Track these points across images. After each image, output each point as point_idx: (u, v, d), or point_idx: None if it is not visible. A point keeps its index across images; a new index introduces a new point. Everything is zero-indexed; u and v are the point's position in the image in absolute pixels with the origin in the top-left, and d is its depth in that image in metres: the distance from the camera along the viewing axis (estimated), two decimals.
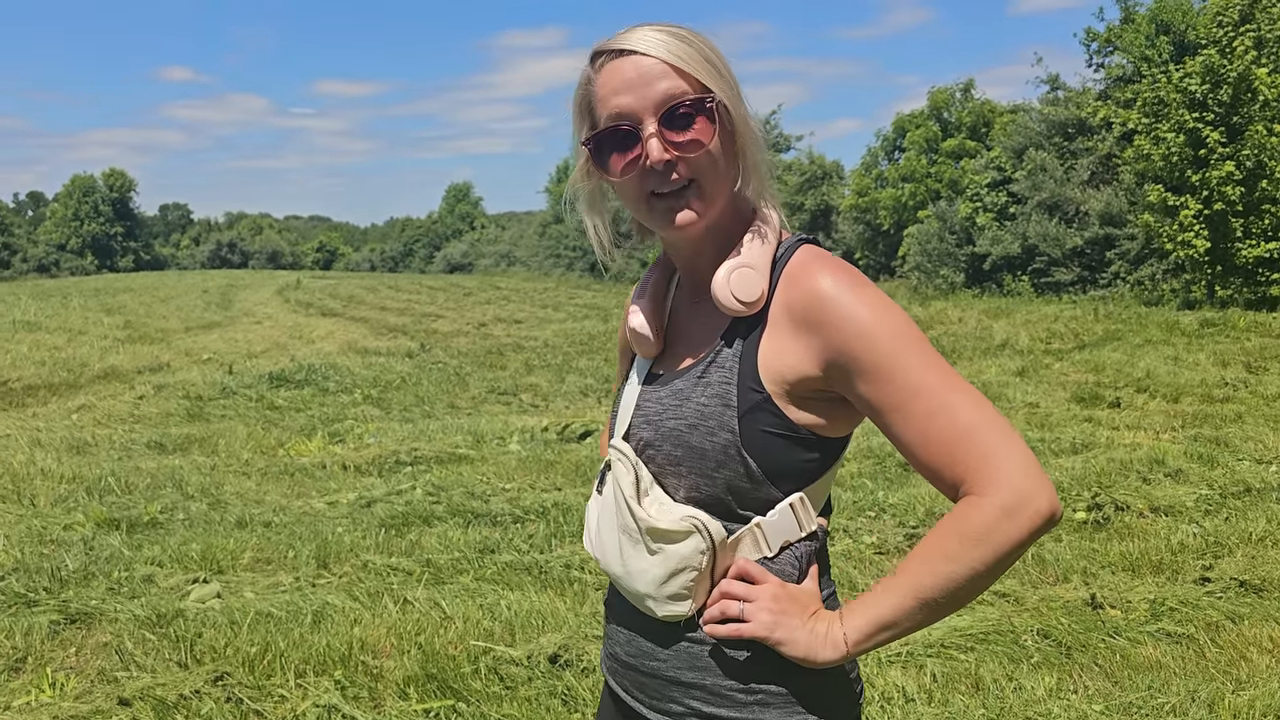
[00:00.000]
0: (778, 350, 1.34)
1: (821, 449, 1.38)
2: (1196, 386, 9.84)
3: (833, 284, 1.31)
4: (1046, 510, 1.20)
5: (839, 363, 1.29)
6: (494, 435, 8.70)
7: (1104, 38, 25.69)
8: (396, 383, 11.94)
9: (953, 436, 1.24)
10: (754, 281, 1.36)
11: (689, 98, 1.32)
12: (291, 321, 20.49)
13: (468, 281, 42.01)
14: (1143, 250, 22.05)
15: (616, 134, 1.37)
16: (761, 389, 1.34)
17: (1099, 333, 14.52)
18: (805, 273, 1.34)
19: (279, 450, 8.49)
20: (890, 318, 1.29)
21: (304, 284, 36.17)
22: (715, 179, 1.38)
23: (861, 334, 1.27)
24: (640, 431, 1.45)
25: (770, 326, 1.36)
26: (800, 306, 1.33)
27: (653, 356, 1.54)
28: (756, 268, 1.37)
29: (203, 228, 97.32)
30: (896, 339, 1.27)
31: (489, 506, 6.52)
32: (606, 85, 1.38)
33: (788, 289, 1.36)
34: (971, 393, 1.27)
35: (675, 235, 1.40)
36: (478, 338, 17.45)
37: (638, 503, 1.40)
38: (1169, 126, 18.73)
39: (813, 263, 1.36)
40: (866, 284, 1.32)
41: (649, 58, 1.35)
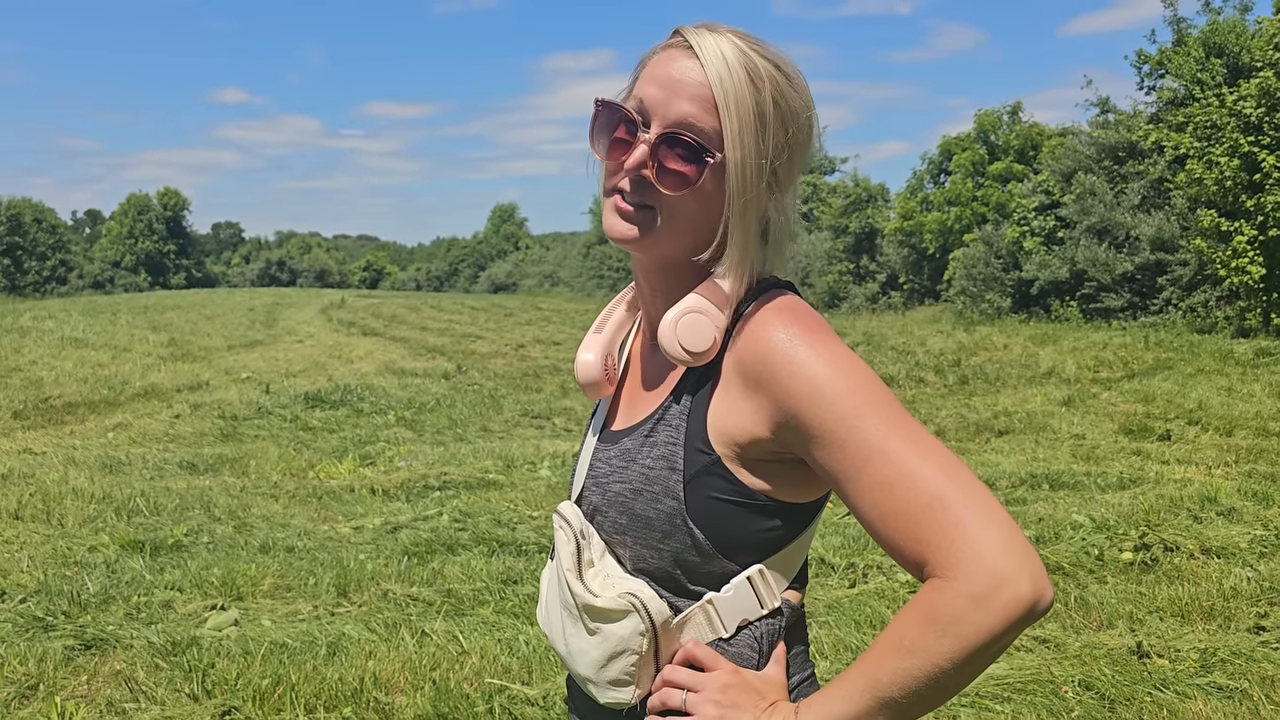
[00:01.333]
0: (728, 408, 1.21)
1: (784, 516, 1.23)
2: (1251, 419, 9.50)
3: (785, 337, 1.17)
4: (1029, 597, 0.99)
5: (790, 425, 1.15)
6: (525, 460, 8.60)
7: (1155, 60, 25.24)
8: (431, 404, 11.89)
9: (914, 509, 1.06)
10: (703, 330, 1.22)
11: (697, 139, 1.20)
12: (332, 341, 20.59)
13: (509, 302, 42.13)
14: (1195, 276, 21.54)
15: (623, 116, 1.25)
16: (710, 450, 1.21)
17: (1149, 361, 14.14)
18: (760, 324, 1.21)
19: (309, 472, 8.44)
20: (847, 375, 1.14)
21: (348, 303, 36.45)
22: (678, 225, 1.24)
23: (812, 393, 1.13)
24: (590, 494, 1.34)
25: (722, 382, 1.23)
26: (750, 361, 1.19)
27: (602, 399, 1.43)
28: (708, 314, 1.23)
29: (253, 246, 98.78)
30: (851, 398, 1.12)
31: (515, 535, 6.40)
32: (656, 67, 1.26)
33: (741, 340, 1.22)
34: (940, 457, 1.09)
35: (613, 243, 1.27)
36: (515, 359, 17.41)
37: (576, 576, 1.27)
38: (1222, 150, 18.30)
39: (770, 312, 1.22)
40: (825, 337, 1.18)
41: (701, 69, 1.21)
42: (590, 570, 1.28)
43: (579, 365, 1.41)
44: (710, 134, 1.21)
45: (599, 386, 1.40)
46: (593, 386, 1.40)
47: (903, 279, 33.98)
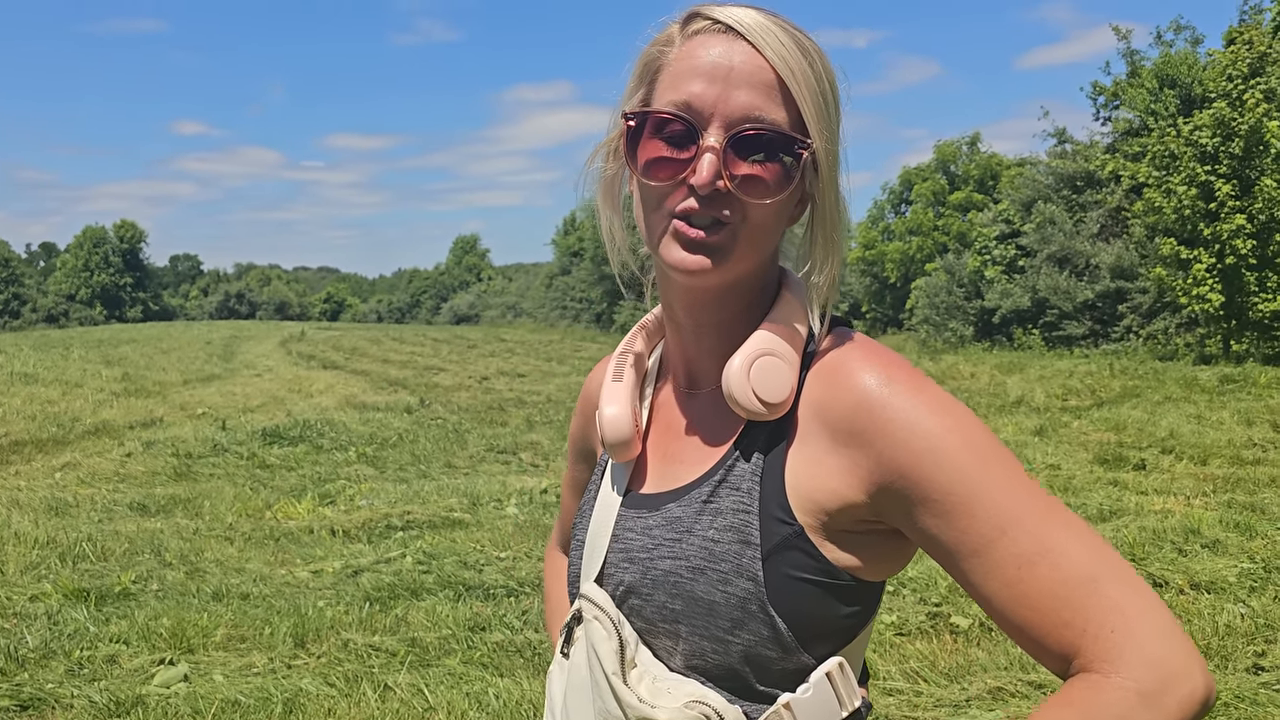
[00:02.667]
0: (811, 468, 1.01)
1: (864, 597, 1.04)
2: (1224, 447, 9.45)
3: (882, 383, 0.98)
4: (1201, 693, 0.85)
5: (894, 488, 0.96)
6: (491, 497, 8.33)
7: (1110, 92, 25.61)
8: (393, 440, 11.59)
9: (1061, 590, 0.89)
10: (781, 376, 1.03)
11: (778, 130, 1.01)
12: (292, 374, 20.18)
13: (472, 333, 41.79)
14: (1155, 304, 21.74)
15: (669, 125, 1.03)
16: (792, 519, 1.01)
17: (1116, 389, 14.14)
18: (845, 367, 1.02)
19: (266, 513, 8.12)
20: (964, 428, 0.95)
21: (308, 335, 35.97)
22: (757, 241, 1.05)
23: (928, 450, 0.94)
24: (621, 573, 1.10)
25: (800, 436, 1.03)
26: (840, 411, 1.00)
27: (629, 460, 1.18)
28: (783, 356, 1.04)
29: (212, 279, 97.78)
30: (974, 456, 0.93)
31: (482, 577, 6.15)
32: (687, 59, 1.04)
33: (822, 387, 1.03)
34: (1080, 526, 0.92)
35: (680, 279, 1.05)
36: (479, 392, 17.12)
37: (623, 680, 1.04)
38: (1180, 179, 18.49)
39: (853, 354, 1.03)
40: (925, 382, 1.00)
41: (754, 51, 1.02)
42: (634, 671, 1.05)
43: (607, 422, 1.16)
44: (786, 124, 1.02)
45: (631, 445, 1.16)
46: (624, 446, 1.16)
47: (865, 308, 34.10)
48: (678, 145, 1.02)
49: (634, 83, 1.10)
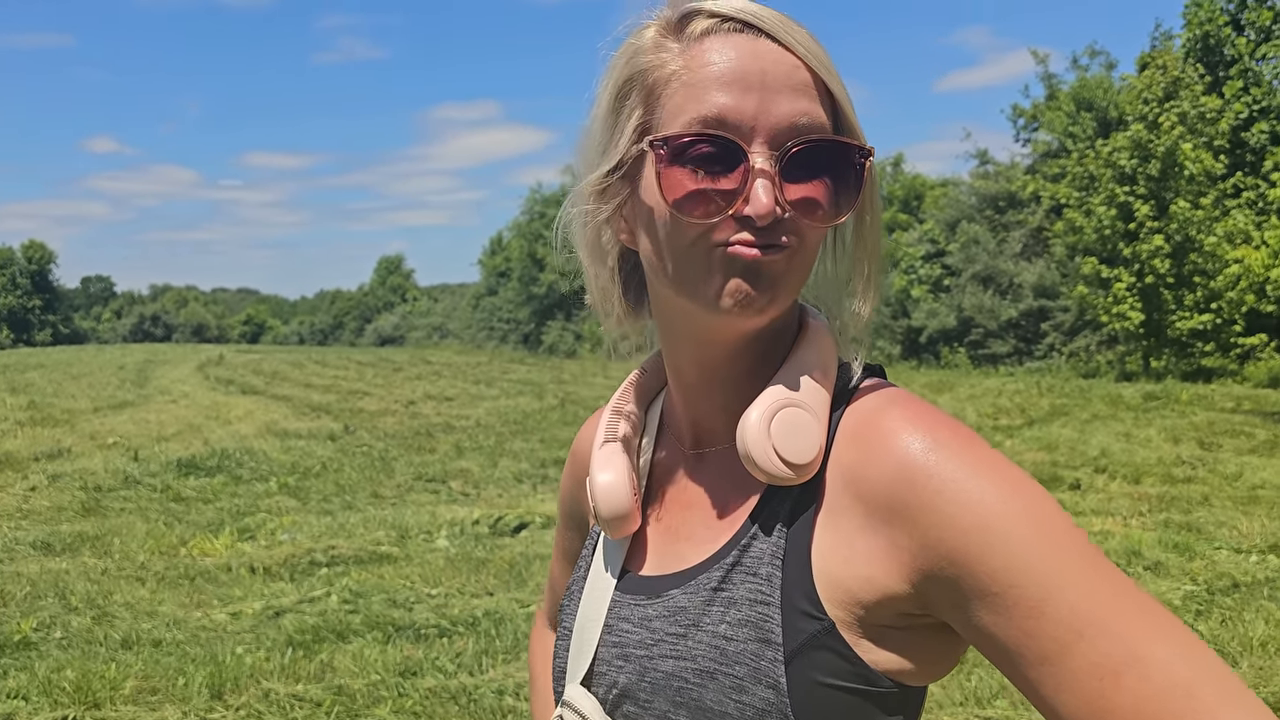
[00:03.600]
0: (843, 549, 0.82)
1: (905, 706, 0.85)
2: (1155, 466, 9.55)
3: (928, 447, 0.79)
4: None
5: (945, 576, 0.77)
6: (420, 529, 8.02)
7: (1030, 114, 26.18)
8: (316, 469, 11.17)
9: (1153, 705, 0.70)
10: (808, 431, 0.85)
11: (836, 140, 0.86)
12: (209, 400, 19.53)
13: (397, 356, 41.14)
14: (1076, 322, 22.18)
15: (700, 149, 0.84)
16: (821, 613, 0.81)
17: (1045, 408, 14.30)
18: (882, 426, 0.83)
19: (181, 550, 7.70)
20: (1029, 501, 0.76)
21: (227, 359, 35.02)
22: (808, 269, 0.89)
23: (984, 530, 0.75)
24: (614, 673, 0.91)
25: (828, 508, 0.84)
26: (877, 481, 0.81)
27: (626, 536, 0.98)
28: (812, 410, 0.86)
29: (125, 300, 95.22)
30: (1042, 537, 0.74)
31: (412, 616, 5.85)
32: (704, 66, 0.85)
33: (855, 450, 0.84)
34: (1172, 623, 0.73)
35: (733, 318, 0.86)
36: (406, 417, 16.70)
37: None
38: (1100, 200, 18.89)
39: (892, 410, 0.84)
40: (979, 445, 0.81)
41: (782, 48, 0.85)
42: None
43: (600, 492, 0.97)
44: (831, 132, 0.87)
45: (628, 520, 0.97)
46: (620, 521, 0.97)
47: None
48: (718, 172, 0.83)
49: (616, 105, 0.90)
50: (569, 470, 1.20)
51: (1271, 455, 10.21)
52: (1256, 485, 8.63)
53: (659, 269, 0.89)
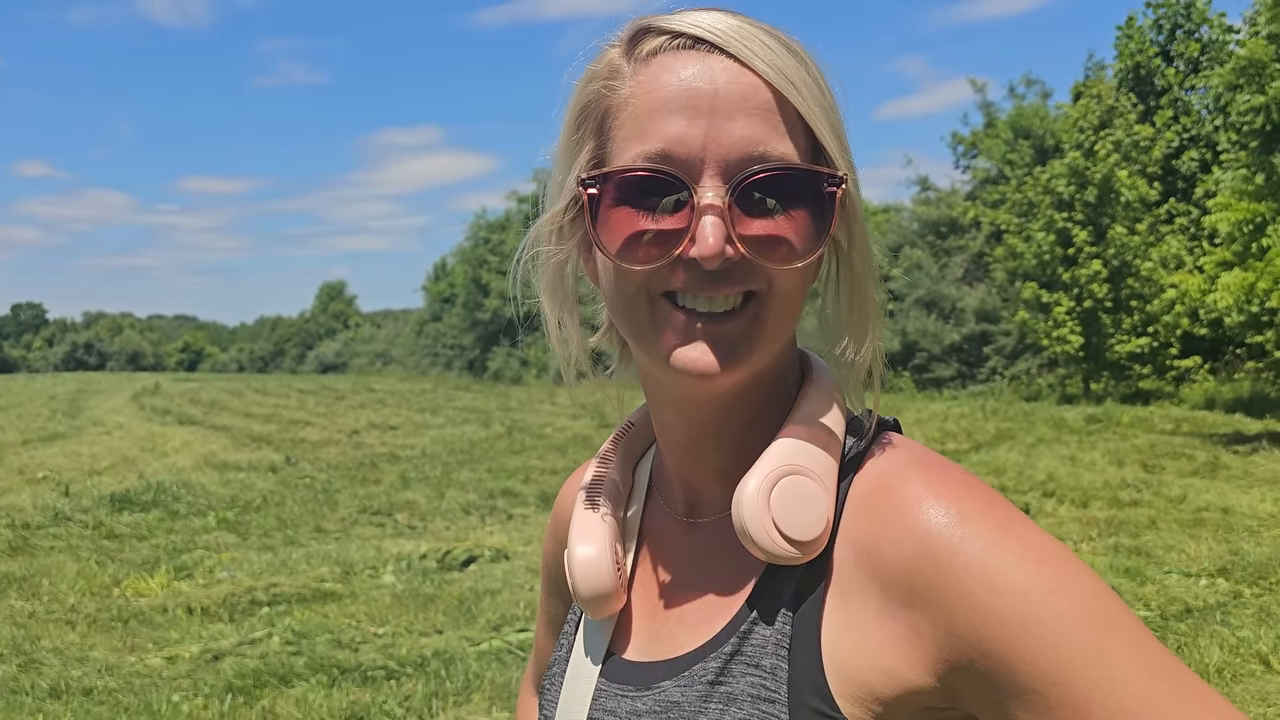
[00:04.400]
0: (858, 636, 0.72)
1: None
2: (1101, 489, 9.63)
3: (953, 519, 0.70)
4: None
5: (976, 669, 0.67)
6: (365, 565, 7.80)
7: (969, 142, 26.64)
8: (257, 503, 10.87)
9: None
10: (816, 503, 0.75)
11: (796, 167, 0.75)
12: (145, 431, 19.04)
13: (340, 383, 40.57)
14: (1017, 345, 22.51)
15: (644, 186, 0.75)
16: (835, 711, 0.72)
17: (991, 431, 14.42)
18: (899, 494, 0.74)
19: (114, 590, 7.41)
20: (1070, 581, 0.67)
21: (163, 388, 34.28)
22: (787, 317, 0.78)
23: (1020, 618, 0.66)
24: None
25: (840, 587, 0.74)
26: (895, 559, 0.71)
27: (608, 616, 0.89)
28: (818, 476, 0.76)
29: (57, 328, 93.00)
30: (1086, 625, 0.65)
31: (358, 658, 5.66)
32: (652, 91, 0.76)
33: (869, 521, 0.74)
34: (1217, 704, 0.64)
35: (687, 386, 0.78)
36: (349, 447, 16.39)
37: None
38: (1039, 225, 19.22)
39: (910, 474, 0.74)
40: (1011, 515, 0.71)
41: (740, 65, 0.75)
42: None
43: (578, 568, 0.86)
44: (795, 159, 0.75)
45: (610, 600, 0.86)
46: (601, 601, 0.86)
47: None
48: (663, 211, 0.74)
49: (573, 136, 0.81)
50: (550, 531, 1.09)
51: (1213, 477, 10.37)
52: (1201, 508, 8.73)
53: (615, 318, 0.81)
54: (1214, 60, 21.09)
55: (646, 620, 0.86)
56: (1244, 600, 6.13)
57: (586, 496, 0.91)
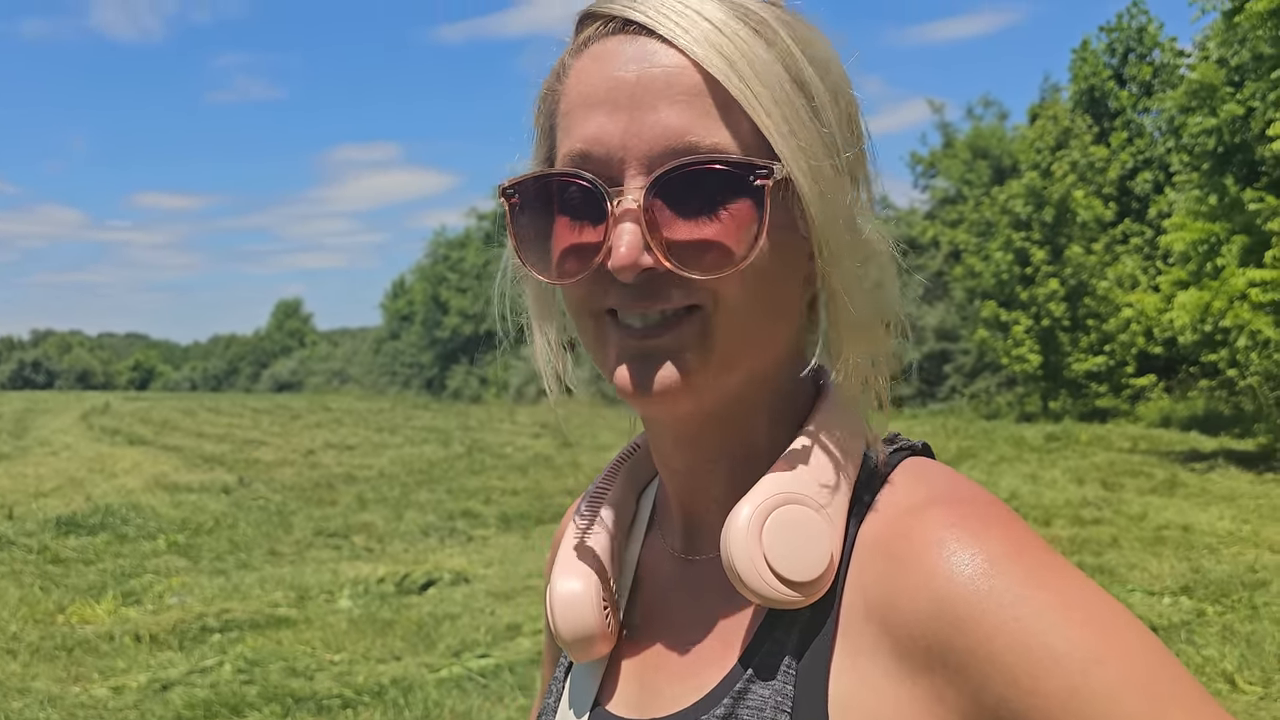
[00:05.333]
0: (869, 696, 0.62)
1: None
2: (1063, 507, 9.67)
3: (981, 568, 0.59)
4: None
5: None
6: (321, 589, 7.62)
7: (928, 161, 26.91)
8: (209, 525, 10.62)
9: None
10: (817, 538, 0.65)
11: (723, 157, 0.64)
12: (93, 452, 18.62)
13: (295, 402, 40.06)
14: (976, 364, 22.69)
15: (566, 192, 0.67)
16: None
17: (953, 450, 14.48)
18: (916, 533, 0.63)
19: (58, 617, 7.18)
20: (1120, 644, 0.57)
21: (113, 407, 33.64)
22: (747, 332, 0.67)
23: (1062, 690, 0.56)
24: None
25: (849, 639, 0.64)
26: (911, 614, 0.61)
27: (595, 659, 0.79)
28: (819, 506, 0.66)
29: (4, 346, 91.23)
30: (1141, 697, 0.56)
31: (313, 686, 5.50)
32: (580, 84, 0.68)
33: (881, 563, 0.64)
34: None
35: (646, 409, 0.70)
36: (305, 467, 16.11)
37: None
38: (997, 245, 19.42)
39: (930, 509, 0.64)
40: (1048, 560, 0.61)
41: (668, 46, 0.64)
42: None
43: (560, 607, 0.77)
44: (736, 144, 0.65)
45: (593, 644, 0.77)
46: (583, 644, 0.77)
47: None
48: (584, 217, 0.67)
49: (534, 141, 0.75)
50: (550, 561, 0.98)
51: (1171, 495, 10.45)
52: (1161, 525, 8.78)
53: None
54: (1166, 84, 21.51)
55: (637, 669, 0.77)
56: (1207, 619, 6.13)
57: (578, 525, 0.81)
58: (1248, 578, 6.89)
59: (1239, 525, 8.79)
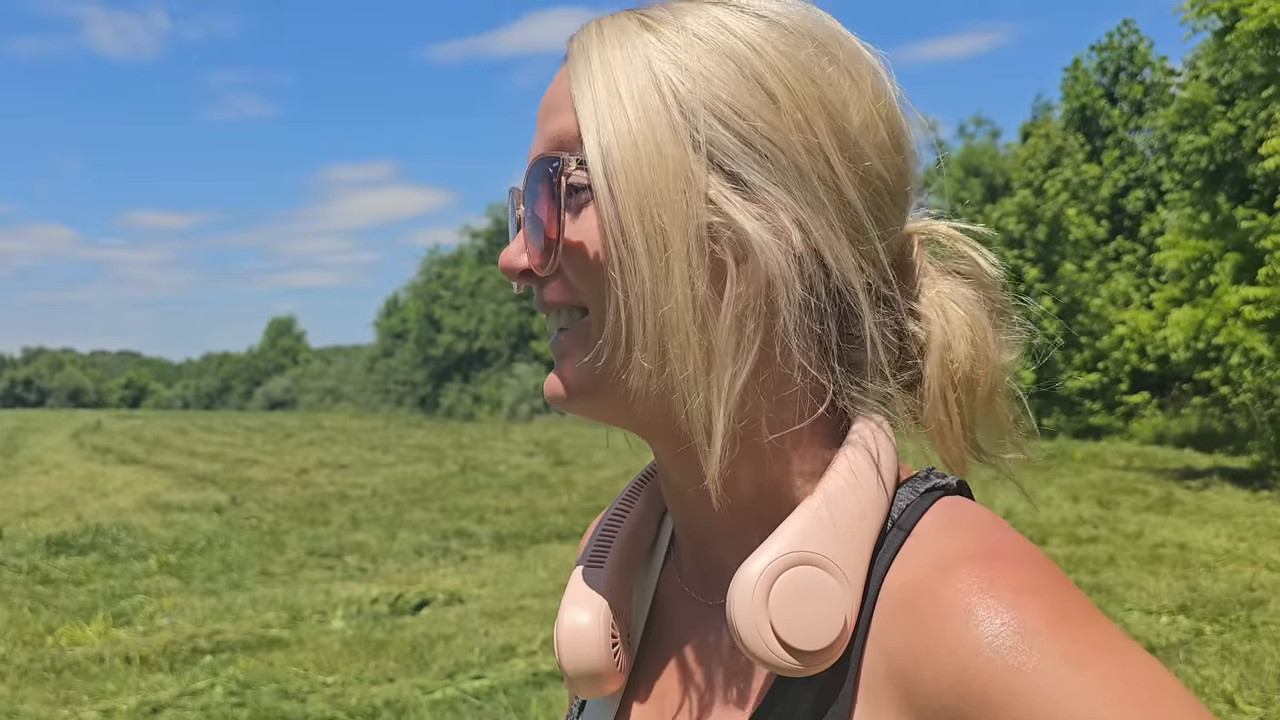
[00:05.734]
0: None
1: None
2: (1058, 525, 9.64)
3: (1011, 643, 0.53)
4: None
5: None
6: (314, 610, 7.55)
7: (921, 180, 26.99)
8: (200, 545, 10.53)
9: None
10: (829, 603, 0.59)
11: (538, 153, 0.66)
12: (85, 471, 18.52)
13: (288, 420, 39.94)
14: None
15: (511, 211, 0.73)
16: None
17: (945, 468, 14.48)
18: (941, 599, 0.57)
19: (48, 639, 7.09)
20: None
21: (104, 426, 33.52)
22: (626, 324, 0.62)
23: None
24: None
25: (865, 705, 0.59)
26: (933, 686, 0.55)
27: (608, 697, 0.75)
28: (839, 570, 0.60)
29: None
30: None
31: (306, 709, 5.43)
32: None
33: (902, 626, 0.59)
34: None
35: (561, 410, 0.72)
36: (297, 486, 16.03)
37: None
38: None
39: (958, 572, 0.57)
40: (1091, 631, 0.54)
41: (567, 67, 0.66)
42: None
43: (566, 639, 0.72)
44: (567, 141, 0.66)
45: (600, 681, 0.72)
46: (590, 681, 0.72)
47: None
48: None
49: None
50: None
51: (1167, 513, 10.43)
52: (1158, 544, 8.75)
53: None
54: (1157, 102, 21.62)
55: (647, 713, 0.73)
56: (1205, 638, 6.10)
57: (592, 549, 0.76)
58: (1245, 596, 6.87)
59: (1235, 543, 8.77)
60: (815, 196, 0.62)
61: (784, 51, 0.62)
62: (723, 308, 0.60)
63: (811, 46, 0.63)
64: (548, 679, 5.74)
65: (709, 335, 0.60)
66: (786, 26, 0.64)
